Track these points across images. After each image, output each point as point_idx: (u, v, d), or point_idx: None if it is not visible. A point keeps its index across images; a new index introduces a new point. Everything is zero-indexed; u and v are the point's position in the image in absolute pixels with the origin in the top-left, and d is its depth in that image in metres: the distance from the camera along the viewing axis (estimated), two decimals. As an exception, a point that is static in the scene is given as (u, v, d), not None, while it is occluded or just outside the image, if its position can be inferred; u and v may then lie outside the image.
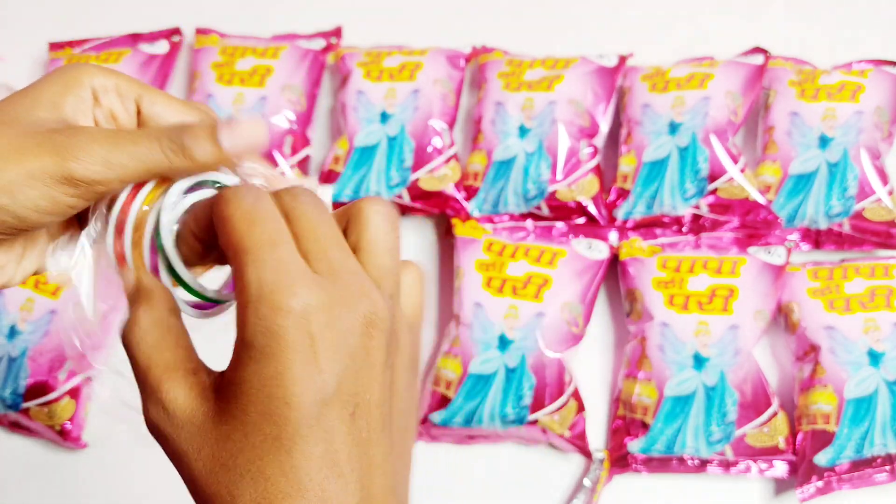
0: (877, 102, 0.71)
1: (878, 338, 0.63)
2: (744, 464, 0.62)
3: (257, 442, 0.28)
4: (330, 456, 0.28)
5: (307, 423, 0.28)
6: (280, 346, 0.27)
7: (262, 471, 0.28)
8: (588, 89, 0.75)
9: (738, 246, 0.69)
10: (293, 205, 0.30)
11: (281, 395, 0.28)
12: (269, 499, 0.28)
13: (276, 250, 0.28)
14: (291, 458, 0.28)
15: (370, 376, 0.29)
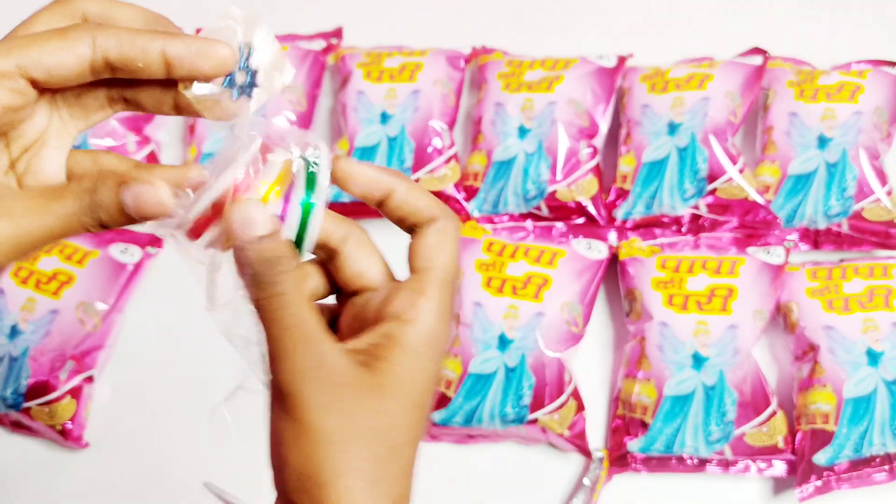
0: (876, 103, 0.72)
1: (876, 337, 0.63)
2: (743, 463, 0.62)
3: (412, 423, 0.31)
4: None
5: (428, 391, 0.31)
6: (441, 353, 0.32)
7: (421, 400, 0.31)
8: (588, 90, 0.75)
9: (737, 246, 0.69)
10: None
11: (430, 384, 0.31)
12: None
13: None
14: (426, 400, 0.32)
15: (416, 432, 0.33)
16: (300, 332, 0.30)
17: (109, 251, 0.73)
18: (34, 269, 0.72)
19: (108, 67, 0.30)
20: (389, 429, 0.30)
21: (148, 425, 0.69)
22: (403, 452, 0.30)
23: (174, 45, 0.30)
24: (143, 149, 0.78)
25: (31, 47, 0.30)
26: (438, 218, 0.33)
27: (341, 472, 0.29)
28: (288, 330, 0.30)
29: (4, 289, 0.71)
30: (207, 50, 0.30)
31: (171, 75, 0.31)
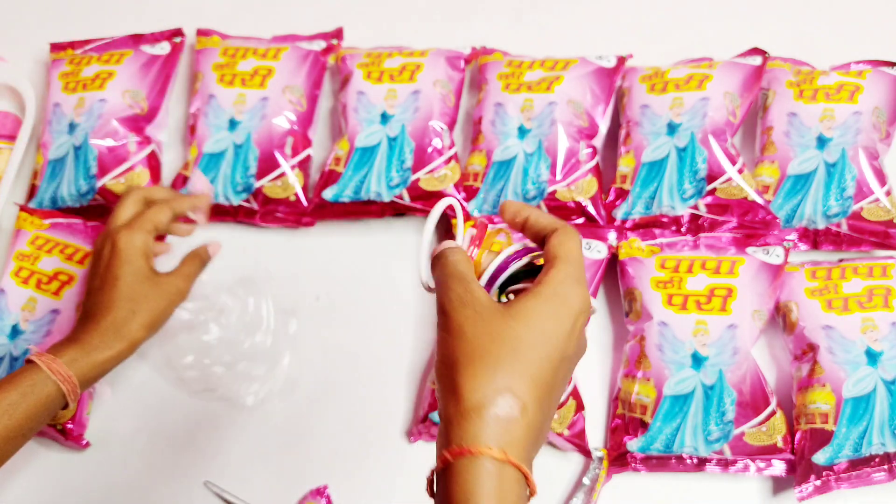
0: (875, 103, 0.72)
1: (875, 337, 0.63)
2: (742, 463, 0.63)
3: (532, 343, 0.40)
4: (553, 380, 0.41)
5: (558, 355, 0.41)
6: (571, 311, 0.42)
7: (528, 356, 0.40)
8: (587, 90, 0.75)
9: (737, 246, 0.69)
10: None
11: (558, 332, 0.41)
12: (523, 372, 0.40)
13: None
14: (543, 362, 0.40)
15: (570, 377, 0.46)
16: (456, 273, 0.43)
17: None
18: (35, 270, 0.72)
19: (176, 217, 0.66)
20: (513, 338, 0.40)
21: (148, 425, 0.69)
22: (525, 356, 0.40)
23: (178, 203, 0.66)
24: (144, 149, 0.78)
25: (155, 218, 0.64)
26: (559, 228, 0.44)
27: (471, 359, 0.40)
28: (449, 272, 0.43)
29: (5, 289, 0.71)
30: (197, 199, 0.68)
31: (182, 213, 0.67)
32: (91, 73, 0.80)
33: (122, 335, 0.59)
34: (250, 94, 0.77)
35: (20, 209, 0.76)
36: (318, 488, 0.66)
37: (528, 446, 0.39)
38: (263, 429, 0.69)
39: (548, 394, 0.41)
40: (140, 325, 0.59)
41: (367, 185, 0.74)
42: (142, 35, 0.83)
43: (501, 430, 0.38)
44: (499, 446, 0.38)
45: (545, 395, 0.40)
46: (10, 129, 0.82)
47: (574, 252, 0.43)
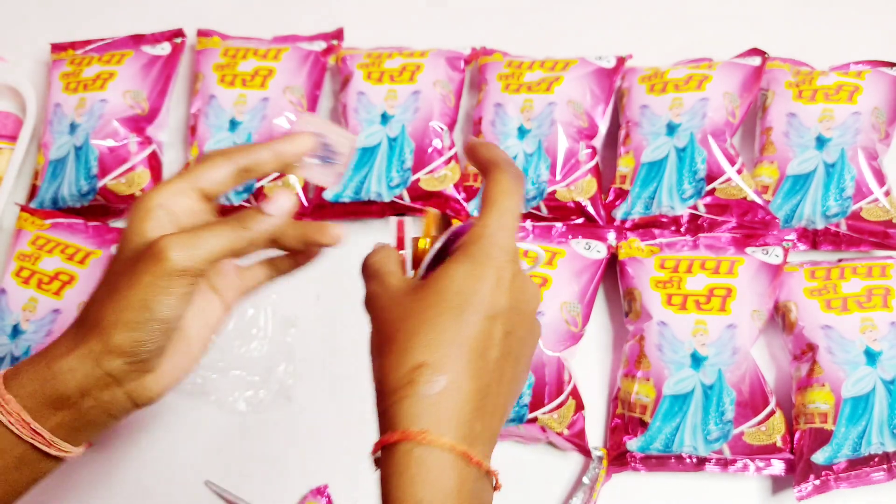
0: (874, 103, 0.72)
1: (874, 337, 0.63)
2: (741, 462, 0.63)
3: (444, 308, 0.38)
4: (485, 342, 0.38)
5: (481, 312, 0.38)
6: (488, 260, 0.39)
7: (440, 322, 0.37)
8: (587, 91, 0.75)
9: (736, 246, 0.69)
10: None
11: (475, 288, 0.38)
12: (437, 340, 0.37)
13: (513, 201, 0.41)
14: (460, 323, 0.37)
15: (524, 325, 0.40)
16: (370, 272, 0.43)
17: (111, 251, 0.73)
18: (36, 269, 0.72)
19: (242, 171, 0.46)
20: (423, 309, 0.38)
21: (148, 425, 0.69)
22: (439, 323, 0.38)
23: (280, 143, 0.47)
24: (145, 150, 0.78)
25: (195, 170, 0.45)
26: (493, 167, 0.42)
27: (386, 344, 0.39)
28: (366, 274, 0.43)
29: (6, 289, 0.71)
30: (297, 140, 0.47)
31: (280, 165, 0.47)
32: (92, 73, 0.80)
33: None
34: (251, 94, 0.78)
35: (21, 209, 0.76)
36: (318, 488, 0.66)
37: (467, 419, 0.36)
38: (264, 429, 0.69)
39: (481, 356, 0.37)
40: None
41: (367, 186, 0.74)
42: (142, 35, 0.83)
43: (424, 408, 0.35)
44: (420, 427, 0.35)
45: (478, 357, 0.37)
46: (10, 130, 0.82)
47: (502, 196, 0.40)
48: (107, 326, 0.41)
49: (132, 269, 0.41)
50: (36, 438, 0.41)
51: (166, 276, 0.40)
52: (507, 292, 0.39)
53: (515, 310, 0.39)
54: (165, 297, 0.40)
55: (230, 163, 0.45)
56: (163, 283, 0.40)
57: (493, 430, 0.38)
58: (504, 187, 0.40)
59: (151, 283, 0.40)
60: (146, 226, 0.43)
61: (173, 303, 0.41)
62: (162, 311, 0.41)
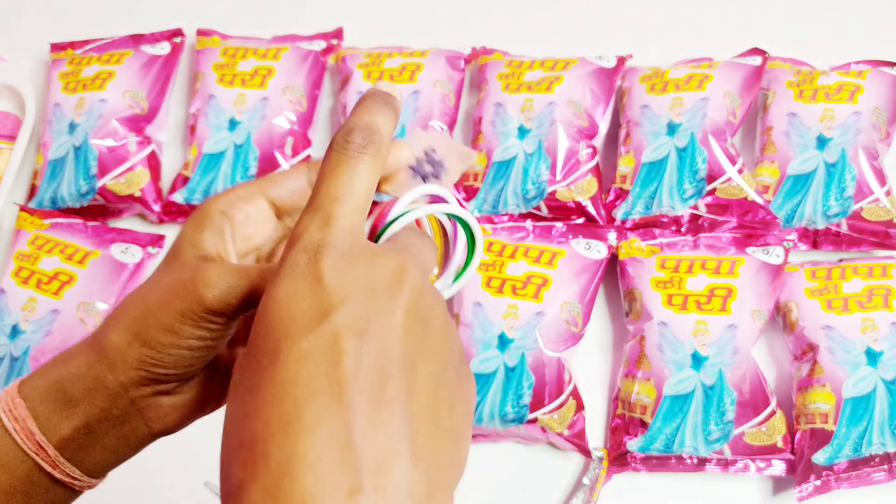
0: (875, 103, 0.72)
1: (875, 337, 0.63)
2: (742, 462, 0.63)
3: (257, 357, 0.28)
4: (326, 370, 0.26)
5: (303, 333, 0.27)
6: (294, 273, 0.29)
7: (259, 384, 0.27)
8: (587, 90, 0.75)
9: (737, 246, 0.69)
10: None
11: (285, 312, 0.28)
12: (258, 409, 0.26)
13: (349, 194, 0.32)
14: (283, 369, 0.26)
15: (390, 320, 0.28)
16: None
17: (110, 251, 0.73)
18: (35, 269, 0.72)
19: None
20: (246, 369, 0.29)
21: (148, 425, 0.69)
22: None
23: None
24: (144, 149, 0.78)
25: (268, 177, 0.40)
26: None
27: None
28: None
29: (6, 289, 0.71)
30: (393, 146, 0.38)
31: None
32: (91, 73, 0.80)
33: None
34: (250, 94, 0.78)
35: (20, 209, 0.76)
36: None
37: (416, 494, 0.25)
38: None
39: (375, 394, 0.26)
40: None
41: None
42: (142, 35, 0.83)
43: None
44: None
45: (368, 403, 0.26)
46: (10, 129, 0.82)
47: (325, 164, 0.32)
48: (128, 337, 0.36)
49: (171, 288, 0.36)
50: (40, 454, 0.37)
51: (199, 312, 0.35)
52: (335, 289, 0.28)
53: (358, 301, 0.28)
54: (196, 329, 0.36)
55: (308, 170, 0.40)
56: (194, 317, 0.35)
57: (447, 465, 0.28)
58: (337, 148, 0.32)
59: (184, 312, 0.35)
60: (201, 235, 0.37)
61: (206, 335, 0.36)
62: (189, 342, 0.36)
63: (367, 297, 0.28)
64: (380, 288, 0.28)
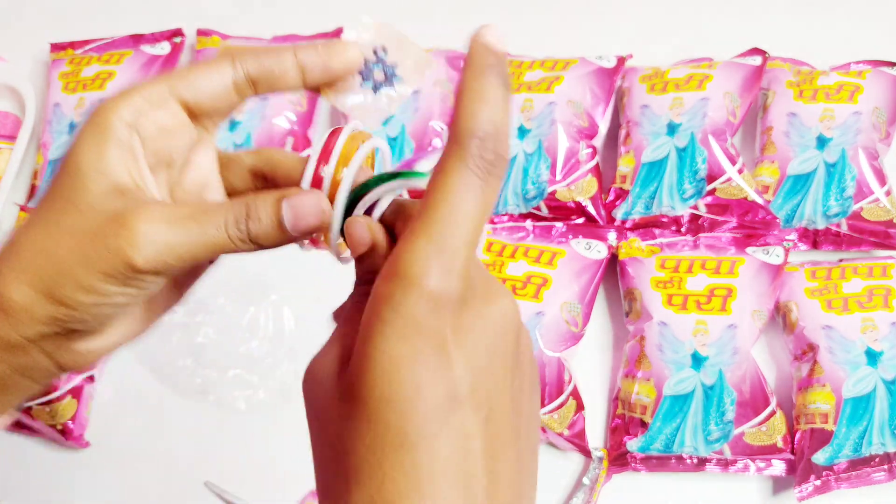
0: (875, 103, 0.72)
1: (875, 337, 0.63)
2: (742, 462, 0.63)
3: (380, 431, 0.25)
4: (457, 461, 0.25)
5: (436, 419, 0.25)
6: (417, 330, 0.25)
7: (381, 464, 0.25)
8: (587, 90, 0.75)
9: (737, 246, 0.69)
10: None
11: (411, 381, 0.25)
12: (384, 497, 0.25)
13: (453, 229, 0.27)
14: (414, 456, 0.25)
15: (504, 378, 0.27)
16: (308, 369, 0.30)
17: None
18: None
19: (251, 84, 0.33)
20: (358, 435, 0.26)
21: (148, 425, 0.69)
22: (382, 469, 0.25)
23: (304, 52, 0.33)
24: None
25: (180, 73, 0.32)
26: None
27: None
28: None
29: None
30: (335, 49, 0.33)
31: (306, 81, 0.33)
32: (91, 73, 0.80)
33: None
34: (250, 94, 0.78)
35: (20, 209, 0.76)
36: (318, 488, 0.66)
37: None
38: (264, 429, 0.69)
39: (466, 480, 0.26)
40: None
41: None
42: (142, 35, 0.83)
43: None
44: None
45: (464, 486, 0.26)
46: (10, 130, 0.82)
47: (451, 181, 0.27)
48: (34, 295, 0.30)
49: (87, 244, 0.30)
50: None
51: (128, 273, 0.30)
52: (461, 361, 0.26)
53: (481, 372, 0.26)
54: (123, 287, 0.31)
55: (232, 66, 0.32)
56: (121, 278, 0.30)
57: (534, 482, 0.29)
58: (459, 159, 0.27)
59: (108, 272, 0.30)
60: (106, 157, 0.31)
61: (136, 292, 0.31)
62: (116, 300, 0.31)
63: (487, 370, 0.26)
64: (497, 353, 0.27)
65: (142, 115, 0.32)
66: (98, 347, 0.33)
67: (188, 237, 0.30)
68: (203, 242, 0.31)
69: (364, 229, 0.31)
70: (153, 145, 0.32)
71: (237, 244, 0.31)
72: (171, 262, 0.30)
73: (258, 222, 0.31)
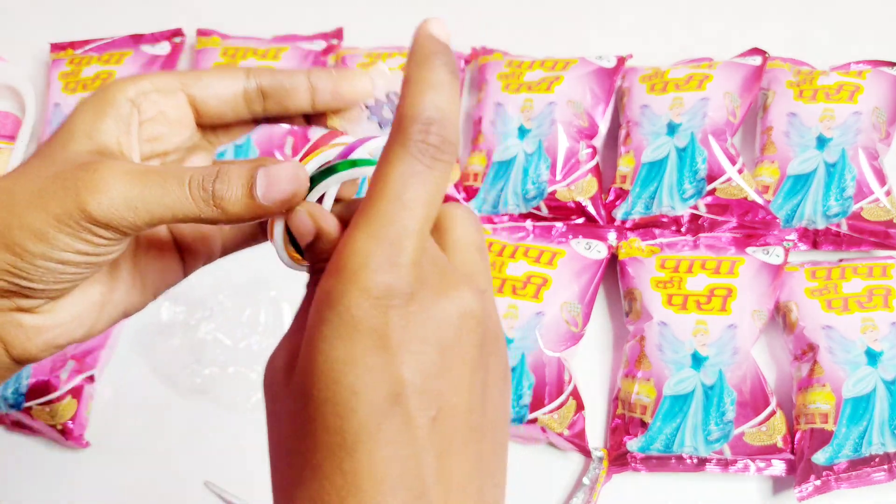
0: (875, 103, 0.72)
1: (875, 337, 0.63)
2: (742, 462, 0.63)
3: (320, 432, 0.25)
4: (399, 461, 0.24)
5: (374, 421, 0.24)
6: (355, 329, 0.24)
7: (321, 465, 0.25)
8: (587, 90, 0.75)
9: (737, 246, 0.69)
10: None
11: (348, 384, 0.24)
12: (323, 497, 0.24)
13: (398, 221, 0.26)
14: (352, 458, 0.24)
15: (460, 376, 0.26)
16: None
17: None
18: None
19: (261, 96, 0.33)
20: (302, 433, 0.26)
21: (148, 425, 0.69)
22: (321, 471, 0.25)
23: (317, 74, 0.33)
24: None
25: (193, 72, 0.33)
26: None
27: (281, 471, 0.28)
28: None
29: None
30: (347, 75, 0.33)
31: (315, 103, 0.33)
32: (91, 73, 0.80)
33: None
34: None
35: (20, 209, 0.76)
36: (318, 488, 0.66)
37: None
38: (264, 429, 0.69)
39: (418, 476, 0.25)
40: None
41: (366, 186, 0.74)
42: (142, 35, 0.83)
43: None
44: None
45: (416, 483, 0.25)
46: (10, 130, 0.82)
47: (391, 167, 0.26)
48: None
49: (47, 184, 0.29)
50: None
51: (80, 220, 0.29)
52: (405, 359, 0.25)
53: (430, 369, 0.25)
54: (73, 240, 0.29)
55: (246, 76, 0.33)
56: (73, 226, 0.29)
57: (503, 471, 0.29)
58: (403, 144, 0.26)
59: (60, 217, 0.29)
60: (101, 124, 0.31)
61: (87, 249, 0.30)
62: (64, 255, 0.29)
63: (439, 367, 0.25)
64: (448, 348, 0.25)
65: (146, 96, 0.32)
66: (47, 327, 0.32)
67: (148, 190, 0.29)
68: (163, 199, 0.29)
69: (305, 216, 0.30)
70: (150, 129, 0.32)
71: (200, 207, 0.29)
72: (125, 217, 0.29)
73: (226, 183, 0.30)
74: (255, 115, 0.34)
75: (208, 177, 0.30)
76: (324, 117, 0.34)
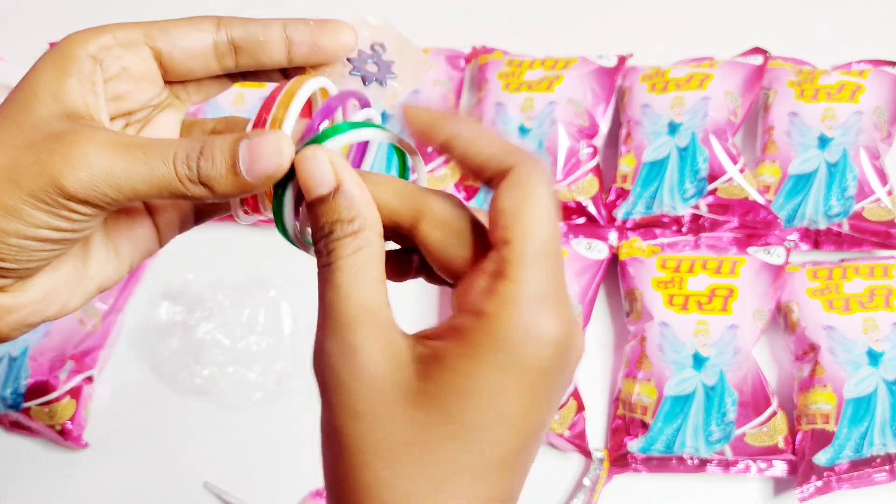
0: (876, 103, 0.72)
1: (877, 337, 0.63)
2: (743, 463, 0.62)
3: (460, 451, 0.25)
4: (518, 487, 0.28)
5: (518, 454, 0.27)
6: (534, 368, 0.25)
7: (458, 479, 0.25)
8: (588, 90, 0.75)
9: (738, 246, 0.69)
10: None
11: (512, 418, 0.25)
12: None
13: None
14: (498, 483, 0.27)
15: (553, 411, 0.29)
16: (341, 313, 0.26)
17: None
18: (34, 269, 0.72)
19: (232, 49, 0.30)
20: (426, 443, 0.25)
21: (148, 425, 0.69)
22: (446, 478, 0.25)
23: (294, 25, 0.30)
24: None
25: (160, 22, 0.30)
26: (514, 167, 0.26)
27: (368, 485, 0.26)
28: (330, 307, 0.27)
29: (4, 289, 0.71)
30: (328, 27, 0.30)
31: (291, 56, 0.30)
32: (90, 72, 0.80)
33: None
34: (250, 93, 0.77)
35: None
36: (319, 489, 0.66)
37: None
38: (263, 429, 0.69)
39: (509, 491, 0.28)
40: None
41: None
42: (141, 35, 0.83)
43: None
44: None
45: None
46: (9, 129, 0.82)
47: (540, 228, 0.25)
48: None
49: (20, 158, 0.27)
50: None
51: (57, 197, 0.27)
52: (550, 401, 0.27)
53: (553, 407, 0.28)
54: (50, 217, 0.28)
55: (216, 26, 0.30)
56: (50, 202, 0.27)
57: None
58: (543, 209, 0.25)
59: (35, 194, 0.27)
60: (65, 84, 0.29)
61: (64, 226, 0.28)
62: (40, 232, 0.28)
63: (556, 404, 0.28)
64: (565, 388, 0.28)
65: (108, 51, 0.30)
66: (16, 306, 0.30)
67: (131, 167, 0.27)
68: (146, 176, 0.27)
69: (326, 164, 0.27)
70: (115, 87, 0.30)
71: (185, 185, 0.28)
72: (107, 193, 0.27)
73: (210, 161, 0.28)
74: (227, 69, 0.31)
75: (192, 153, 0.28)
76: (302, 71, 0.31)
